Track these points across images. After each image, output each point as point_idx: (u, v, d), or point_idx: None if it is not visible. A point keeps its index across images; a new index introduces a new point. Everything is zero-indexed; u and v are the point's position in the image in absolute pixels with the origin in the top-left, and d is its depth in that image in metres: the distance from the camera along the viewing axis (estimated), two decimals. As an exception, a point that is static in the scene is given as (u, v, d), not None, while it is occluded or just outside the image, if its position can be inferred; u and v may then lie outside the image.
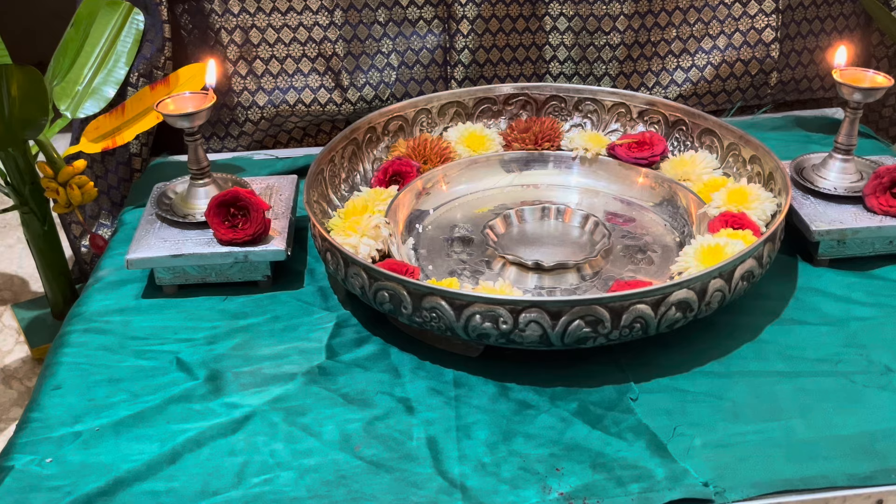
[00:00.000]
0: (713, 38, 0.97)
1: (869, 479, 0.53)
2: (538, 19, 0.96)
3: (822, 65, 1.00)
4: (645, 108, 0.85)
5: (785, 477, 0.53)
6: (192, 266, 0.70)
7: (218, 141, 0.98)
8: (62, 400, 0.60)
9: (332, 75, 0.95)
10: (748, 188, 0.73)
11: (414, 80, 0.97)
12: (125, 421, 0.58)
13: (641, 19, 0.95)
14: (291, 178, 0.80)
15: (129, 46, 0.88)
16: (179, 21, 0.93)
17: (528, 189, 0.82)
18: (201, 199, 0.73)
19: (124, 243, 0.74)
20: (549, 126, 0.85)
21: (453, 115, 0.86)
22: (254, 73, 0.94)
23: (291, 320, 0.68)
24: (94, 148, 0.83)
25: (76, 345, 0.65)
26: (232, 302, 0.70)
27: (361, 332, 0.66)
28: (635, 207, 0.79)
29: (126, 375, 0.62)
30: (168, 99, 0.71)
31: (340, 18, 0.93)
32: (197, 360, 0.63)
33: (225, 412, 0.59)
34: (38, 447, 0.56)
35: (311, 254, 0.76)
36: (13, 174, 0.86)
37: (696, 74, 0.98)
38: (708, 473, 0.53)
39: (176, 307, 0.69)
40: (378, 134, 0.82)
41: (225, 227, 0.69)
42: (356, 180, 0.80)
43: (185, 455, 0.55)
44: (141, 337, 0.66)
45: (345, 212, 0.73)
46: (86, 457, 0.55)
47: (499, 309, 0.57)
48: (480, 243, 0.74)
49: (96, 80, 0.87)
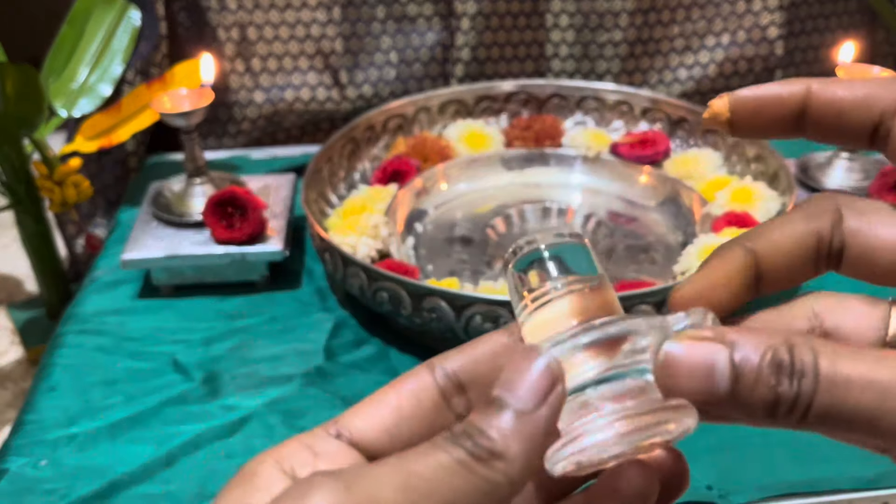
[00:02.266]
0: (716, 35, 0.96)
1: (875, 482, 0.52)
2: (539, 16, 0.95)
3: (827, 62, 0.99)
4: (648, 105, 0.84)
5: (789, 480, 0.52)
6: (189, 266, 0.69)
7: (215, 139, 0.97)
8: (57, 402, 0.59)
9: (330, 73, 0.95)
10: (752, 187, 0.73)
11: (413, 77, 0.96)
12: (121, 423, 0.57)
13: (644, 16, 0.94)
14: (289, 177, 0.79)
15: (126, 44, 0.87)
16: (176, 18, 0.92)
17: (530, 188, 0.81)
18: (198, 199, 0.72)
19: (120, 243, 0.74)
20: (551, 124, 0.84)
21: (453, 112, 0.86)
22: (251, 70, 0.93)
23: (289, 321, 0.67)
24: (90, 146, 0.82)
25: (71, 346, 0.65)
26: (229, 303, 0.69)
27: (360, 333, 0.65)
28: (638, 207, 0.79)
29: (122, 377, 0.61)
30: (165, 97, 0.70)
31: (339, 15, 0.93)
32: (193, 362, 0.62)
33: (222, 414, 0.58)
34: (32, 449, 0.56)
35: (310, 254, 0.75)
36: (8, 173, 0.85)
37: (699, 72, 0.97)
38: (711, 476, 0.52)
39: (172, 308, 0.69)
40: (377, 132, 0.82)
41: (222, 227, 0.69)
42: (355, 179, 0.79)
43: (181, 457, 0.54)
44: (137, 338, 0.65)
45: (343, 211, 0.72)
46: (81, 459, 0.55)
47: (499, 309, 0.56)
48: (481, 243, 0.73)
49: (92, 78, 0.86)
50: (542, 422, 0.19)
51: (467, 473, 0.19)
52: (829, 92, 0.22)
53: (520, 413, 0.19)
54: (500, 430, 0.19)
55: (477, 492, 0.19)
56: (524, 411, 0.19)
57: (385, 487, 0.18)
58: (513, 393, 0.19)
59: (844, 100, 0.22)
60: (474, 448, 0.19)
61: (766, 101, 0.23)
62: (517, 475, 0.19)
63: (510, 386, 0.20)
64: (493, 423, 0.19)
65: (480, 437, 0.19)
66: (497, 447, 0.19)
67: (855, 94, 0.22)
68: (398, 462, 0.19)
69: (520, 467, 0.19)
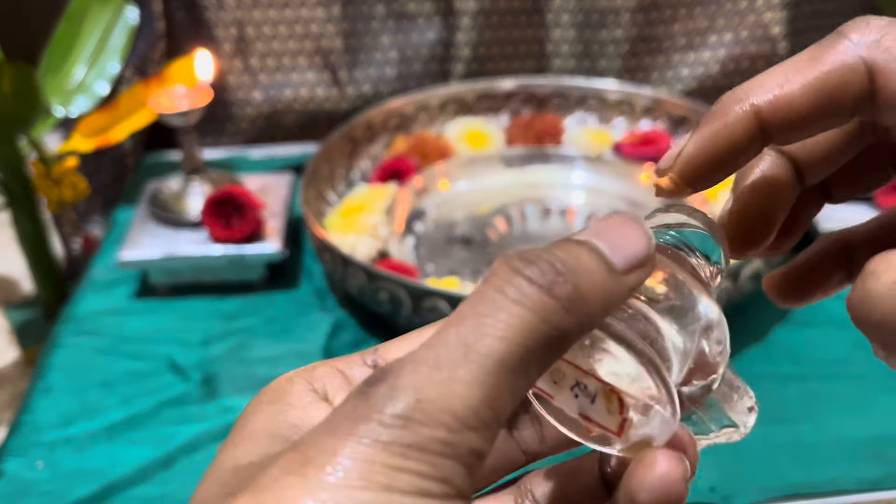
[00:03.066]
0: (718, 32, 0.96)
1: (878, 484, 0.52)
2: (540, 14, 0.94)
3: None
4: (649, 104, 0.84)
5: (792, 481, 0.52)
6: (187, 266, 0.69)
7: (213, 138, 0.96)
8: (54, 402, 0.59)
9: (329, 71, 0.94)
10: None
11: (413, 76, 0.95)
12: (118, 424, 0.57)
13: (645, 13, 0.94)
14: (288, 176, 0.79)
15: (123, 42, 0.86)
16: (174, 16, 0.91)
17: (530, 187, 0.81)
18: (196, 198, 0.72)
19: (117, 242, 0.73)
20: (552, 123, 0.84)
21: (453, 111, 0.85)
22: (250, 68, 0.93)
23: (288, 321, 0.66)
24: (87, 145, 0.82)
25: (68, 346, 0.64)
26: (227, 303, 0.69)
27: (359, 333, 0.65)
28: (639, 206, 0.78)
29: (119, 378, 0.61)
30: (162, 95, 0.70)
31: (339, 13, 0.92)
32: (191, 363, 0.62)
33: (220, 415, 0.57)
34: (29, 451, 0.55)
35: (308, 253, 0.75)
36: (4, 172, 0.84)
37: (701, 70, 0.97)
38: (714, 478, 0.52)
39: (170, 308, 0.68)
40: (376, 131, 0.81)
41: (220, 227, 0.68)
42: (354, 178, 0.79)
43: (179, 459, 0.54)
44: (134, 338, 0.65)
45: (342, 210, 0.72)
46: (78, 460, 0.54)
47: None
48: (481, 243, 0.73)
49: (89, 77, 0.85)
50: (625, 289, 0.18)
51: (546, 321, 0.17)
52: (779, 99, 0.19)
53: (612, 269, 0.18)
54: (589, 276, 0.17)
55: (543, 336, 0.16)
56: (617, 269, 0.18)
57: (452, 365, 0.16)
58: (612, 246, 0.18)
59: (804, 94, 0.19)
60: (555, 285, 0.17)
61: (715, 149, 0.20)
62: (586, 330, 0.17)
63: (609, 238, 0.18)
64: (582, 264, 0.17)
65: (567, 271, 0.17)
66: (584, 290, 0.17)
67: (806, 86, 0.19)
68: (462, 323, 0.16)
69: (592, 317, 0.17)
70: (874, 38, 0.19)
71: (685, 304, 0.20)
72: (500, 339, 0.16)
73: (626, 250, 0.18)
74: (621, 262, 0.18)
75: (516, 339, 0.16)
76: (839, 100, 0.19)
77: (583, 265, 0.17)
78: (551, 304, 0.17)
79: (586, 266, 0.17)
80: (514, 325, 0.16)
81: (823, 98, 0.19)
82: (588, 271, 0.17)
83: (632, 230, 0.18)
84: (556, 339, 0.17)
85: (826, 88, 0.19)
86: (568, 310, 0.17)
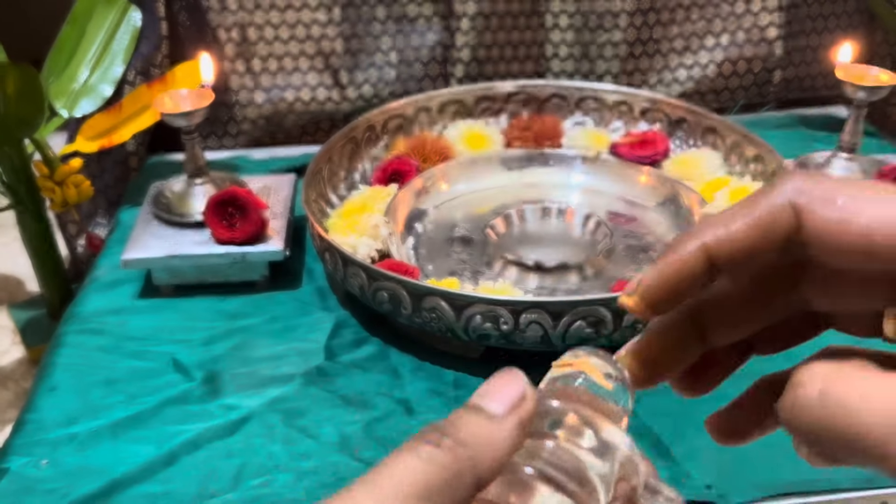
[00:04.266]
0: (716, 35, 0.96)
1: (873, 481, 0.52)
2: (539, 16, 0.95)
3: (826, 62, 0.99)
4: (647, 106, 0.84)
5: (788, 479, 0.52)
6: (189, 266, 0.69)
7: (216, 139, 0.97)
8: (58, 401, 0.59)
9: (330, 73, 0.95)
10: (751, 187, 0.73)
11: (413, 77, 0.96)
12: (121, 422, 0.57)
13: (643, 16, 0.94)
14: (290, 177, 0.79)
15: (126, 44, 0.87)
16: (177, 18, 0.92)
17: (529, 188, 0.81)
18: (199, 199, 0.72)
19: (121, 243, 0.74)
20: (550, 124, 0.84)
21: (453, 113, 0.86)
22: (252, 70, 0.93)
23: (289, 321, 0.67)
24: (91, 147, 0.82)
25: (72, 345, 0.65)
26: (229, 302, 0.69)
27: (360, 332, 0.65)
28: (637, 207, 0.79)
29: (122, 376, 0.61)
30: (165, 97, 0.70)
31: (339, 16, 0.93)
32: (194, 362, 0.62)
33: (222, 414, 0.58)
34: (33, 449, 0.56)
35: (310, 254, 0.75)
36: (8, 173, 0.85)
37: (698, 72, 0.97)
38: (710, 475, 0.52)
39: (173, 308, 0.69)
40: (377, 132, 0.82)
41: (223, 227, 0.69)
42: (355, 179, 0.79)
43: (181, 457, 0.54)
44: (137, 338, 0.65)
45: (343, 211, 0.72)
46: (82, 459, 0.55)
47: (499, 309, 0.57)
48: (481, 243, 0.73)
49: (93, 79, 0.86)
50: (508, 428, 0.21)
51: (432, 463, 0.20)
52: (724, 236, 0.23)
53: (490, 416, 0.21)
54: (468, 426, 0.21)
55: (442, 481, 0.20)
56: (494, 415, 0.21)
57: None
58: (488, 398, 0.22)
59: (744, 231, 0.23)
60: (440, 439, 0.20)
61: (671, 278, 0.23)
62: (479, 467, 0.20)
63: (486, 393, 0.22)
64: (462, 420, 0.21)
65: (450, 428, 0.21)
66: (462, 437, 0.20)
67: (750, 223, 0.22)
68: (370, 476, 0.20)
69: (478, 458, 0.20)
70: (799, 185, 0.22)
71: (601, 436, 0.23)
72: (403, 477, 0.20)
73: (502, 396, 0.22)
74: (498, 407, 0.21)
75: (416, 478, 0.20)
76: (772, 235, 0.23)
77: (463, 420, 0.21)
78: (437, 451, 0.20)
79: (466, 419, 0.21)
80: (411, 468, 0.20)
81: (759, 234, 0.23)
82: (467, 423, 0.21)
83: (507, 380, 0.22)
84: (448, 477, 0.20)
85: (761, 226, 0.22)
86: (453, 453, 0.20)
